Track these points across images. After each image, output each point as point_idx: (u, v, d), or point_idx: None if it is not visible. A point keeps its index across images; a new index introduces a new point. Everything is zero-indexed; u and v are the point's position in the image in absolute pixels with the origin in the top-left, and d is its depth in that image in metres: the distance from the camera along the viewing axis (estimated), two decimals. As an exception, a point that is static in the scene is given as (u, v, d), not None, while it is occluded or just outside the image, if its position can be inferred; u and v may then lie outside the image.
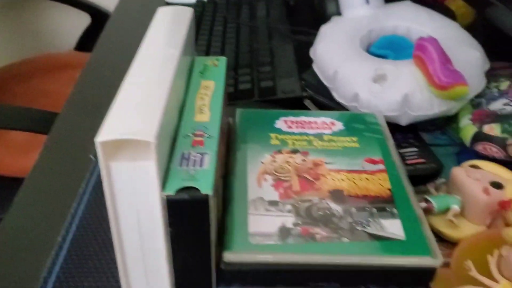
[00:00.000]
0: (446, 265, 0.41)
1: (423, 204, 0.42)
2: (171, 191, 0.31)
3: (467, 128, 0.49)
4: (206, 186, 0.31)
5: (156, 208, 0.31)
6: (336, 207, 0.38)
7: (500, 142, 0.46)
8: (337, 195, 0.40)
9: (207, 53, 0.69)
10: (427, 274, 0.35)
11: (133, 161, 0.30)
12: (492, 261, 0.38)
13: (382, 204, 0.39)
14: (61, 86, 1.09)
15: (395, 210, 0.38)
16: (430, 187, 0.46)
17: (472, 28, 0.80)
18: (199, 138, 0.35)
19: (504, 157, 0.46)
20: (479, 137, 0.47)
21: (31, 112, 0.75)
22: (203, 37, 0.73)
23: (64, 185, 0.50)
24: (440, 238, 0.44)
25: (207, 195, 0.31)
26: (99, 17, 1.27)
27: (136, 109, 0.31)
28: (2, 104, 0.99)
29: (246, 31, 0.75)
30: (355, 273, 0.35)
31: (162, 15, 0.44)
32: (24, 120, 0.73)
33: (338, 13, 0.66)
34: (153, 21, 0.43)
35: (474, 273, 0.37)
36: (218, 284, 0.35)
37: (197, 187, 0.31)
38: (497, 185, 0.42)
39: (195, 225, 0.32)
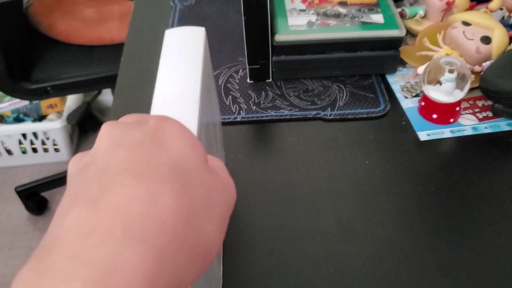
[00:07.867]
0: (412, 45, 0.64)
1: (399, 10, 0.65)
2: (246, -7, 0.54)
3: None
4: (265, -11, 0.54)
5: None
6: (342, 10, 0.62)
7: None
8: (343, 3, 0.62)
9: None
10: (397, 41, 0.59)
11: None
12: (439, 36, 0.61)
13: (371, 7, 0.62)
14: None
15: (379, 10, 0.61)
16: (406, 1, 0.68)
17: None
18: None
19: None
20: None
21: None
22: None
23: (157, 25, 0.74)
24: (411, 34, 0.67)
25: (266, -7, 0.54)
26: None
27: None
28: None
29: None
30: (353, 43, 0.59)
31: None
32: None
33: None
34: None
35: (427, 44, 0.61)
36: (272, 55, 0.60)
37: (260, -10, 0.54)
38: (448, -5, 0.64)
39: (259, 13, 0.55)
